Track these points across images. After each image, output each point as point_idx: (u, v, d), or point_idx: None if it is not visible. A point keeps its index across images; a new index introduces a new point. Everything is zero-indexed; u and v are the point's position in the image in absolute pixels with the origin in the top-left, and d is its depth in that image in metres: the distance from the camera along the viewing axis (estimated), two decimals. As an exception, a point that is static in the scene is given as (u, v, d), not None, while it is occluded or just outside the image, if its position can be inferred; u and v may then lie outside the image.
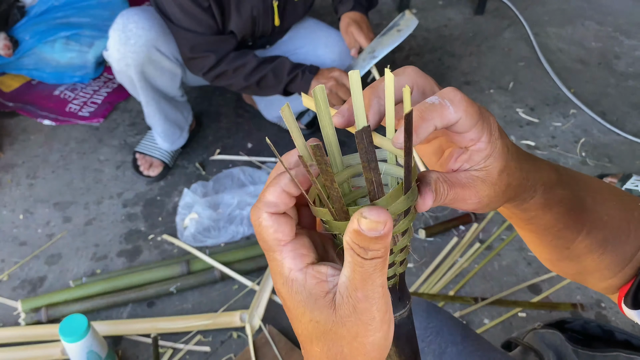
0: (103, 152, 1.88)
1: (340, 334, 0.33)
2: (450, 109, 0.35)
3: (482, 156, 0.38)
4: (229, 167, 1.80)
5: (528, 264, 1.51)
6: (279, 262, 0.34)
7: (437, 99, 0.35)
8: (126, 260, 1.53)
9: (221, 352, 1.32)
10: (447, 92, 0.36)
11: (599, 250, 0.49)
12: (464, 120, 0.36)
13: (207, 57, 1.47)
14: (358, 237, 0.30)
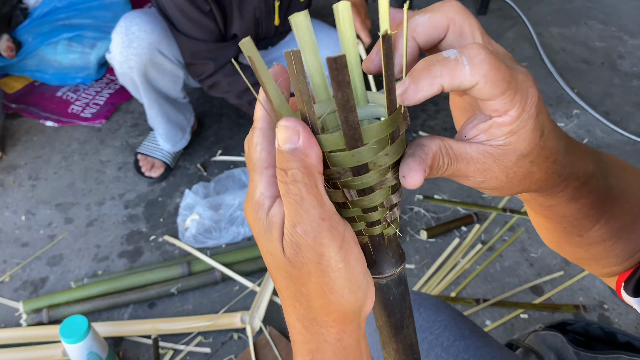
0: (105, 153, 1.88)
1: (293, 274, 0.31)
2: (466, 70, 0.29)
3: (503, 132, 0.32)
4: (230, 168, 1.80)
5: (530, 265, 1.50)
6: (254, 184, 0.32)
7: (455, 54, 0.30)
8: (127, 261, 1.54)
9: (222, 353, 1.31)
10: (469, 48, 0.30)
11: (612, 239, 0.46)
12: (483, 87, 0.30)
13: (206, 64, 1.47)
14: (279, 156, 0.29)
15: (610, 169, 0.44)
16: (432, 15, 0.33)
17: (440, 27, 0.33)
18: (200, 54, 1.46)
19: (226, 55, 1.48)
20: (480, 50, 0.29)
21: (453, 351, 0.69)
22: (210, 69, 1.47)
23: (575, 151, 0.38)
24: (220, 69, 1.48)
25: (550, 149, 0.34)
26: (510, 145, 0.32)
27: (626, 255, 0.48)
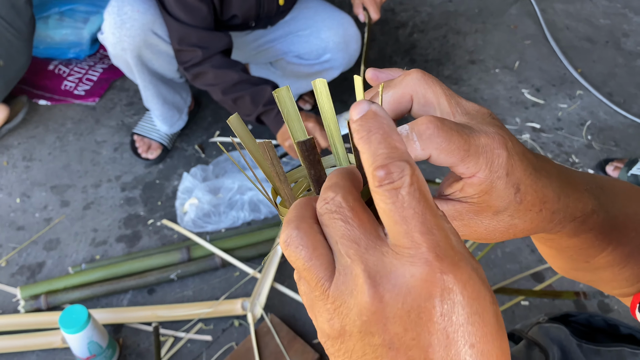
0: (100, 133, 1.84)
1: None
2: (417, 145, 0.31)
3: (475, 190, 0.33)
4: (229, 150, 1.76)
5: (532, 251, 1.49)
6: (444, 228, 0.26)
7: (407, 130, 0.31)
8: (125, 246, 1.52)
9: (222, 340, 1.31)
10: (419, 124, 0.31)
11: (620, 265, 0.46)
12: (438, 158, 0.31)
13: (194, 52, 1.39)
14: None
15: (614, 199, 0.44)
16: (395, 91, 0.35)
17: (404, 101, 0.35)
18: (188, 40, 1.38)
19: (216, 45, 1.40)
20: (429, 125, 0.31)
21: None
22: (197, 57, 1.39)
23: (571, 193, 0.38)
24: (209, 58, 1.40)
25: (530, 201, 0.34)
26: (484, 203, 0.34)
27: (636, 278, 0.47)
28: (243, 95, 1.41)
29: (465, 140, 0.31)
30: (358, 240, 0.26)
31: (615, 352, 1.04)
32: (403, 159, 0.25)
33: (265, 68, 1.74)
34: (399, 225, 0.25)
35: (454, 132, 0.31)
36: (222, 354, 1.28)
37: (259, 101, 1.41)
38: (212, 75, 1.41)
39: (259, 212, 1.55)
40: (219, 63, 1.40)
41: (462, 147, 0.31)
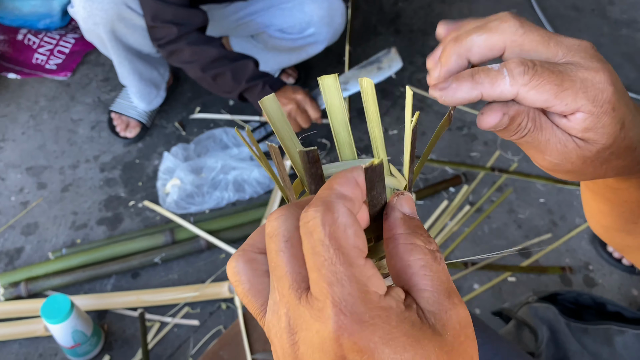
0: (76, 110, 1.77)
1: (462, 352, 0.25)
2: (506, 80, 0.31)
3: (579, 129, 0.33)
4: (210, 127, 1.72)
5: (518, 227, 1.49)
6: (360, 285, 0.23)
7: (497, 66, 0.32)
8: (107, 229, 1.48)
9: (210, 324, 1.30)
10: (511, 62, 0.32)
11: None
12: (527, 96, 0.31)
13: (168, 29, 1.31)
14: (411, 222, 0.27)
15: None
16: (489, 36, 0.33)
17: (497, 48, 0.34)
18: (163, 16, 1.31)
19: (192, 21, 1.33)
20: (520, 64, 0.31)
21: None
22: (172, 34, 1.32)
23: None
24: (185, 35, 1.32)
25: (631, 138, 0.34)
26: (589, 139, 0.33)
27: None
28: (223, 72, 1.35)
29: (557, 75, 0.31)
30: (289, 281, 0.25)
31: (602, 330, 1.05)
32: (327, 199, 0.24)
33: (246, 41, 1.68)
34: (311, 271, 0.24)
35: (545, 70, 0.31)
36: (210, 338, 1.27)
37: (241, 77, 1.35)
38: (188, 53, 1.34)
39: (243, 192, 1.51)
40: (195, 40, 1.34)
41: (554, 81, 0.31)
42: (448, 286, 0.26)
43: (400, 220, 0.27)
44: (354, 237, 0.23)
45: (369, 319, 0.23)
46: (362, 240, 0.24)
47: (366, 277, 0.23)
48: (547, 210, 1.52)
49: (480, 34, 0.33)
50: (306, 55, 1.61)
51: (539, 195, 1.55)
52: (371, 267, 0.24)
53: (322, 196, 0.24)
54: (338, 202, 0.24)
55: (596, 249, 1.43)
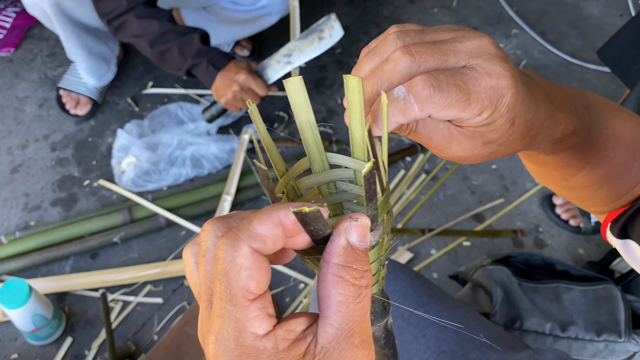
0: (21, 88, 1.70)
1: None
2: (414, 107, 0.32)
3: (471, 128, 0.34)
4: (164, 102, 1.68)
5: (472, 193, 1.54)
6: (238, 325, 0.25)
7: (403, 92, 0.32)
8: (62, 210, 1.45)
9: (173, 301, 1.30)
10: (415, 84, 0.31)
11: (596, 185, 0.48)
12: (438, 114, 0.32)
13: (117, 2, 1.26)
14: (351, 255, 0.27)
15: (598, 120, 0.44)
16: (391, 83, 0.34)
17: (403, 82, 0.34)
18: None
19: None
20: (425, 85, 0.31)
21: (413, 321, 0.71)
22: (121, 6, 1.27)
23: (556, 116, 0.38)
24: (134, 8, 1.28)
25: (520, 132, 0.35)
26: (478, 133, 0.35)
27: (610, 199, 0.49)
28: (170, 48, 1.31)
29: (463, 91, 0.32)
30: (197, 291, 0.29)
31: (552, 288, 1.11)
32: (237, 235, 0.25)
33: (198, 14, 1.64)
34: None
35: (452, 86, 0.31)
36: (174, 315, 1.27)
37: (187, 53, 1.32)
38: (136, 25, 1.29)
39: (201, 167, 1.50)
40: (143, 12, 1.29)
41: (462, 99, 0.32)
42: (355, 326, 0.26)
43: (339, 249, 0.27)
44: (246, 279, 0.24)
45: (236, 355, 0.25)
46: (256, 282, 0.25)
47: (247, 318, 0.25)
48: (499, 176, 1.58)
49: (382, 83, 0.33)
50: (260, 27, 1.59)
51: (491, 162, 1.60)
52: (256, 309, 0.25)
53: (237, 229, 0.25)
54: (244, 242, 0.25)
55: (545, 211, 1.50)
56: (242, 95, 1.34)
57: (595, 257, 1.42)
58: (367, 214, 0.28)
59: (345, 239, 0.27)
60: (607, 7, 2.11)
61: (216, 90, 1.36)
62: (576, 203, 0.54)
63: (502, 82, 0.32)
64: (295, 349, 0.26)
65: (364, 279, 0.27)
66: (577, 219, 1.45)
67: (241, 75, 1.32)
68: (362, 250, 0.27)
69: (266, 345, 0.25)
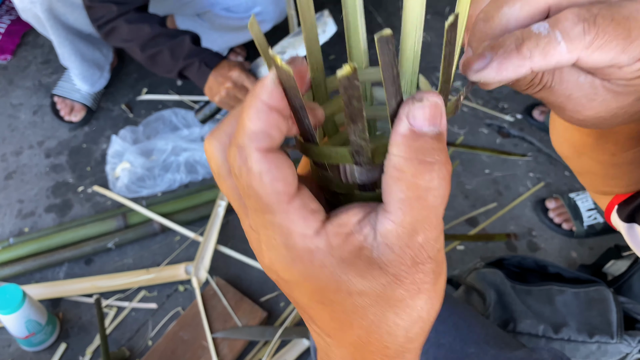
0: (16, 95, 1.70)
1: (396, 298, 0.24)
2: (561, 47, 0.25)
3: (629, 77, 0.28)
4: (158, 108, 1.69)
5: (465, 197, 1.55)
6: (283, 229, 0.23)
7: (547, 28, 0.26)
8: (56, 216, 1.44)
9: (168, 306, 1.30)
10: (563, 20, 0.26)
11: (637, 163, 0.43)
12: (590, 59, 0.26)
13: (108, 7, 1.27)
14: (415, 142, 0.22)
15: None
16: (524, 3, 0.27)
17: (539, 13, 0.28)
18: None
19: (132, 1, 1.29)
20: (577, 21, 0.25)
21: None
22: (112, 12, 1.27)
23: None
24: (124, 14, 1.28)
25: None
26: (632, 87, 0.28)
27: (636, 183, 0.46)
28: (161, 50, 1.31)
29: (623, 26, 0.25)
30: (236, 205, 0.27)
31: (544, 291, 1.12)
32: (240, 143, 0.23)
33: (192, 20, 1.65)
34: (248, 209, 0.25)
35: (609, 20, 0.25)
36: (168, 320, 1.27)
37: (178, 55, 1.31)
38: (126, 31, 1.29)
39: (196, 173, 1.51)
40: (134, 18, 1.29)
41: (621, 35, 0.25)
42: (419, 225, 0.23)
43: (398, 138, 0.22)
44: (271, 183, 0.22)
45: (290, 260, 0.24)
46: (283, 182, 0.23)
47: (290, 221, 0.23)
48: (492, 180, 1.59)
49: (512, 4, 0.27)
50: (254, 33, 1.60)
51: (484, 167, 1.61)
52: (296, 209, 0.23)
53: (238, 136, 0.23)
54: (249, 148, 0.22)
55: (538, 215, 1.51)
56: (236, 92, 1.34)
57: (588, 260, 1.43)
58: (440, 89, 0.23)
59: (406, 125, 0.22)
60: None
61: (209, 89, 1.36)
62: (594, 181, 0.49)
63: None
64: (351, 242, 0.23)
65: (434, 172, 0.22)
66: (569, 222, 1.46)
67: (234, 71, 1.32)
68: (433, 137, 0.22)
69: (318, 244, 0.23)
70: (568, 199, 1.48)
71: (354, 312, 0.24)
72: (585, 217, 1.45)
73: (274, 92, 0.22)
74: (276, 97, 0.22)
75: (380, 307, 0.24)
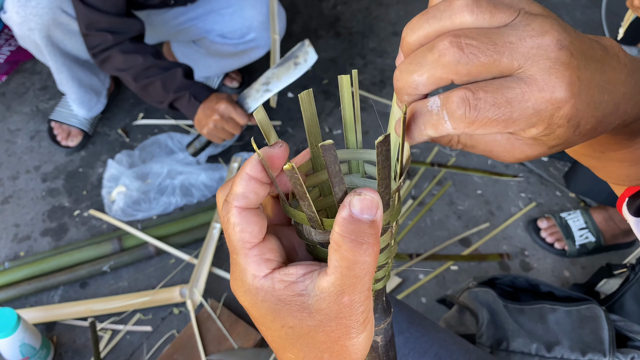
0: (13, 120, 1.73)
1: (319, 339, 0.31)
2: (447, 125, 0.29)
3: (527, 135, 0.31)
4: (154, 133, 1.71)
5: (458, 218, 1.57)
6: (241, 268, 0.31)
7: (438, 106, 0.30)
8: (52, 240, 1.45)
9: (163, 329, 1.30)
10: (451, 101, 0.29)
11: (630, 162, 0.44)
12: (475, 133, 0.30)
13: (104, 36, 1.30)
14: (351, 225, 0.28)
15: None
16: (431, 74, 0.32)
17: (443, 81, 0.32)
18: (98, 25, 1.29)
19: (129, 30, 1.32)
20: (460, 103, 0.29)
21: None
22: (107, 42, 1.31)
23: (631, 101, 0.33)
24: (120, 43, 1.32)
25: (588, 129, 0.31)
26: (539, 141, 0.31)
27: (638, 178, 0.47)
28: (153, 82, 1.35)
29: (504, 109, 0.28)
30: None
31: (537, 309, 1.12)
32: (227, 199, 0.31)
33: (188, 47, 1.68)
34: None
35: (491, 105, 0.28)
36: (163, 343, 1.27)
37: (170, 87, 1.36)
38: (120, 60, 1.33)
39: (191, 196, 1.52)
40: (129, 48, 1.33)
41: (501, 117, 0.29)
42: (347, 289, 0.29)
43: (339, 219, 0.28)
44: (239, 233, 0.30)
45: (243, 291, 0.32)
46: (249, 234, 0.30)
47: (246, 263, 0.31)
48: (484, 201, 1.61)
49: (421, 73, 0.30)
50: (248, 59, 1.64)
51: (477, 187, 1.63)
52: (253, 255, 0.31)
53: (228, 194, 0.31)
54: (231, 204, 0.30)
55: (531, 235, 1.52)
56: (223, 124, 1.37)
57: (581, 279, 1.44)
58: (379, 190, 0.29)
59: (347, 211, 0.28)
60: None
61: (198, 122, 1.40)
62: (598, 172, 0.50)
63: (556, 95, 0.28)
64: (292, 288, 0.30)
65: (362, 250, 0.28)
66: (562, 242, 1.47)
67: (222, 104, 1.35)
68: (366, 223, 0.28)
69: (264, 284, 0.31)
70: (560, 219, 1.50)
71: (286, 340, 0.32)
72: (577, 236, 1.46)
73: (255, 167, 0.30)
74: (256, 170, 0.30)
75: (306, 342, 0.31)
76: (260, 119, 0.31)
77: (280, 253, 0.32)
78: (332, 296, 0.29)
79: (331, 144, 0.26)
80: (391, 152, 0.31)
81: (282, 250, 0.33)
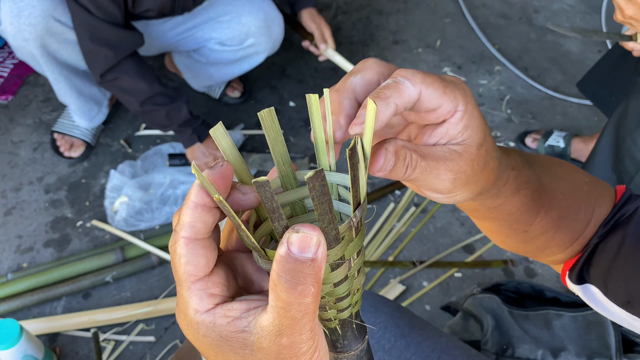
0: (16, 132, 1.73)
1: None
2: (407, 84, 0.34)
3: (459, 128, 0.36)
4: (156, 143, 1.71)
5: (461, 225, 1.56)
6: (184, 300, 0.30)
7: (391, 80, 0.34)
8: (55, 251, 1.45)
9: (166, 339, 1.29)
10: (400, 71, 0.34)
11: (553, 230, 0.50)
12: (427, 93, 0.34)
13: (106, 54, 1.31)
14: (287, 264, 0.26)
15: (537, 162, 0.48)
16: (363, 74, 0.36)
17: (374, 81, 0.37)
18: (100, 35, 1.29)
19: (128, 45, 1.33)
20: (408, 70, 0.35)
21: (395, 352, 0.71)
22: (110, 59, 1.32)
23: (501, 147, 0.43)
24: (123, 61, 1.34)
25: (492, 139, 0.39)
26: (468, 138, 0.37)
27: (566, 243, 0.52)
28: (158, 110, 1.43)
29: (439, 77, 0.35)
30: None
31: (542, 315, 1.11)
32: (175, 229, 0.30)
33: (188, 57, 1.69)
34: None
35: (427, 72, 0.35)
36: (166, 353, 1.27)
37: (174, 120, 1.45)
38: (127, 81, 1.37)
39: (193, 205, 1.52)
40: (133, 70, 1.36)
41: (438, 81, 0.35)
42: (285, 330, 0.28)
43: (277, 257, 0.27)
44: (185, 265, 0.29)
45: (185, 325, 0.31)
46: (194, 267, 0.29)
47: (189, 296, 0.30)
48: (487, 207, 1.60)
49: (355, 75, 0.36)
50: (249, 66, 1.64)
51: (480, 194, 1.63)
52: (197, 289, 0.30)
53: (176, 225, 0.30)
54: (178, 235, 0.29)
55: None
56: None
57: (586, 285, 1.43)
58: (320, 226, 0.28)
59: (284, 249, 0.27)
60: (585, 44, 2.19)
61: (191, 152, 1.52)
62: (535, 256, 0.56)
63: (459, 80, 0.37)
64: (234, 325, 0.29)
65: (297, 291, 0.27)
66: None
67: (219, 152, 1.39)
68: (304, 262, 0.27)
69: (205, 319, 0.30)
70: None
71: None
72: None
73: (199, 193, 0.29)
74: (201, 196, 0.29)
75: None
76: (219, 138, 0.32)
77: (228, 287, 0.31)
78: (271, 336, 0.28)
79: (265, 181, 0.26)
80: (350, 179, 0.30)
81: (232, 283, 0.32)
